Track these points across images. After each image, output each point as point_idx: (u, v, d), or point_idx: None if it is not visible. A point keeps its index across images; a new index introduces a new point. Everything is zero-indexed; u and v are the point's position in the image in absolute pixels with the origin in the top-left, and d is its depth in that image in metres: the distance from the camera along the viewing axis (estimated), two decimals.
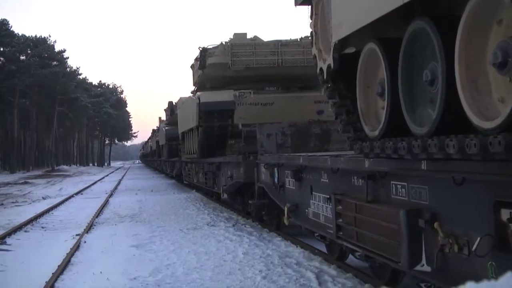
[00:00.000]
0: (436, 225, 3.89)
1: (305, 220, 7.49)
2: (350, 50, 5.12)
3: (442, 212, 3.94)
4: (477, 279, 2.18)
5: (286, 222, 8.11)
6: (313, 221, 7.12)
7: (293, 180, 7.85)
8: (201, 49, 15.34)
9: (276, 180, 8.99)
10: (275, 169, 9.04)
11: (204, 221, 13.18)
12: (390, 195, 4.78)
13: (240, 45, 14.93)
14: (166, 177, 38.27)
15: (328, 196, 6.27)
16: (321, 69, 5.33)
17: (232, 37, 15.63)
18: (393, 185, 4.74)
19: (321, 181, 6.69)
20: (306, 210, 7.42)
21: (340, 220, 5.86)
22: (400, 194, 4.61)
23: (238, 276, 7.19)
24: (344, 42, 4.91)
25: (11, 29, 60.09)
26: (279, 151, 10.10)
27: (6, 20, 59.30)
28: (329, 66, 5.10)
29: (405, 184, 4.52)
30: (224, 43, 15.13)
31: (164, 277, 7.38)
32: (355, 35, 4.63)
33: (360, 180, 5.40)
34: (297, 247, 9.14)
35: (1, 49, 59.32)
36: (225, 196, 16.06)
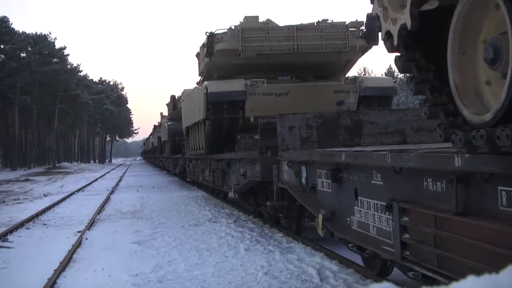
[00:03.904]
0: None
1: (346, 231, 6.05)
2: (430, 5, 3.70)
3: None
4: None
5: (321, 233, 6.64)
6: (359, 233, 5.68)
7: (329, 181, 6.41)
8: (208, 34, 13.81)
9: (303, 180, 7.58)
10: (302, 168, 7.63)
11: (206, 218, 13.04)
12: (498, 206, 3.37)
13: (252, 29, 13.40)
14: (168, 174, 37.74)
15: (384, 203, 4.85)
16: (388, 32, 3.89)
17: (242, 21, 14.10)
18: (503, 192, 3.33)
19: (372, 183, 5.25)
20: (348, 219, 5.98)
21: (407, 235, 4.43)
22: None
23: (240, 272, 7.16)
24: None
25: (11, 26, 59.48)
26: (303, 146, 8.67)
27: (6, 17, 58.56)
28: (402, 28, 3.67)
29: None
30: (233, 27, 13.58)
31: (166, 273, 7.32)
32: None
33: (439, 183, 3.98)
34: (298, 243, 9.01)
35: (2, 46, 58.69)
36: (231, 195, 15.25)
